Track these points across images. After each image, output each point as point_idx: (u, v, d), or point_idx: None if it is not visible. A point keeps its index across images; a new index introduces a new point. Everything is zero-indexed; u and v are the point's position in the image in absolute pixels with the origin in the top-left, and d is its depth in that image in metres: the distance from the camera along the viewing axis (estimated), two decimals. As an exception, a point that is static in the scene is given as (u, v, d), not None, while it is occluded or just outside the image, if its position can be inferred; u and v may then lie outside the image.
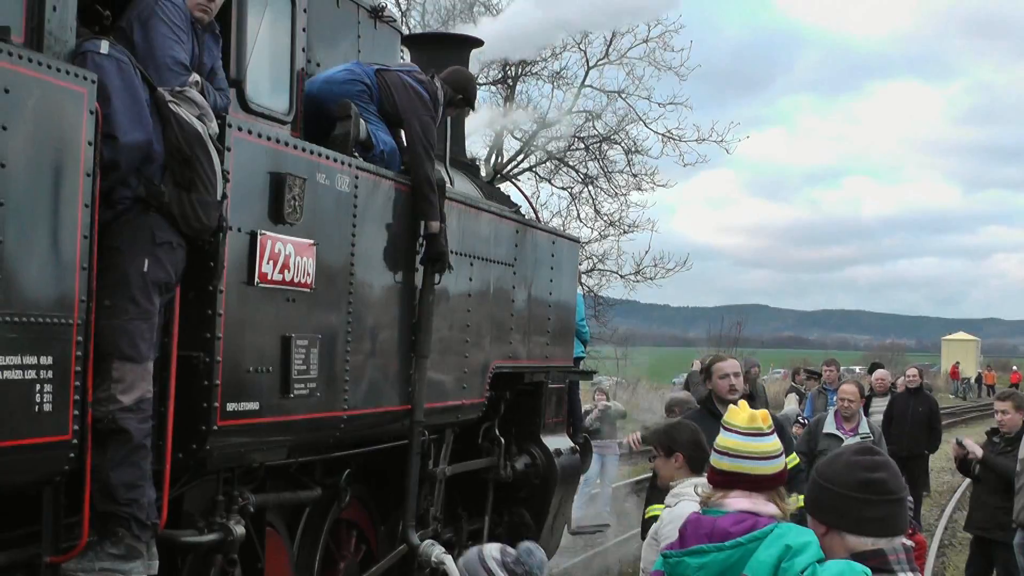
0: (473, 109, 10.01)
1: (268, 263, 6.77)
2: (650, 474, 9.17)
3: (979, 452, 12.21)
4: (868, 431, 12.96)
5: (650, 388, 51.30)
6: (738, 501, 4.91)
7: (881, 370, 20.19)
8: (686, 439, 6.87)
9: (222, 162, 6.33)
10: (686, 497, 6.45)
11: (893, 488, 4.13)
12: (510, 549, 6.37)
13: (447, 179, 9.31)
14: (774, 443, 5.13)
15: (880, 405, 17.99)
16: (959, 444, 12.48)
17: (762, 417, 5.14)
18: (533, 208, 14.46)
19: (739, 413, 5.17)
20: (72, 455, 5.42)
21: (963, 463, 12.65)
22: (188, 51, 6.38)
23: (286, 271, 6.94)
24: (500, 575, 6.14)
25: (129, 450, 5.78)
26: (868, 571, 3.94)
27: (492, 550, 6.27)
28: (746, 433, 5.07)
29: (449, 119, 10.58)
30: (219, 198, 6.22)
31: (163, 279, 5.99)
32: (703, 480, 6.54)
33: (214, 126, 6.22)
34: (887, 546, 4.08)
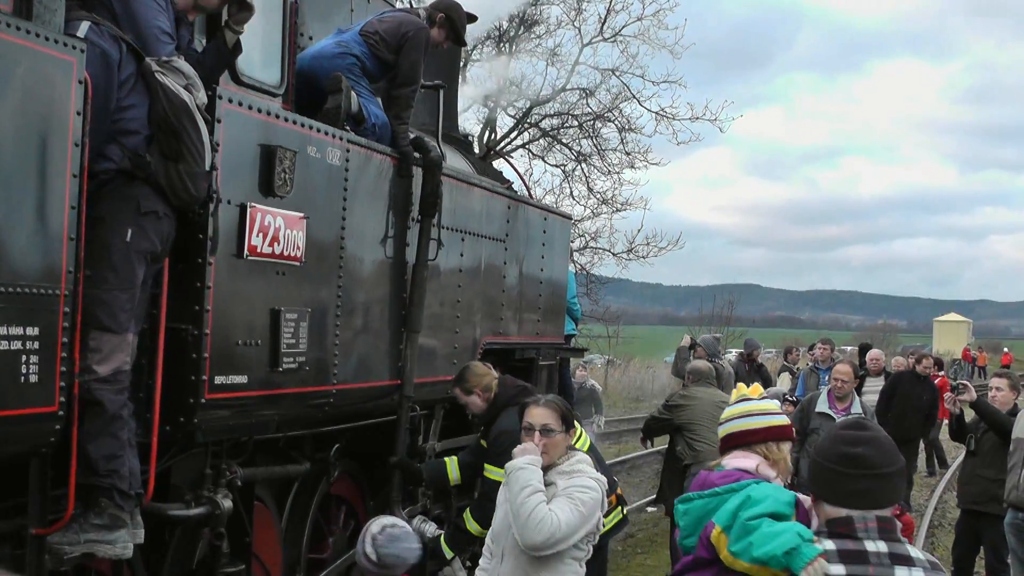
0: (461, 40, 9.83)
1: (258, 236, 6.74)
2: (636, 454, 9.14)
3: (974, 395, 12.15)
4: (861, 411, 12.97)
5: (642, 367, 51.32)
6: (734, 460, 5.08)
7: (875, 350, 20.13)
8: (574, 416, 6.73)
9: (212, 133, 6.29)
10: (583, 474, 6.36)
11: (872, 463, 4.15)
12: (394, 527, 6.23)
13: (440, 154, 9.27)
14: (758, 404, 5.34)
15: (874, 385, 17.96)
16: (954, 389, 12.40)
17: (751, 390, 5.42)
18: (525, 184, 14.44)
19: (734, 393, 5.50)
20: (58, 427, 5.38)
21: (959, 427, 12.64)
22: (170, 19, 6.32)
23: (276, 244, 6.91)
24: (368, 550, 6.08)
25: (104, 421, 5.72)
26: (792, 496, 4.31)
27: (375, 524, 6.18)
28: (735, 403, 5.35)
29: (441, 96, 10.53)
30: (207, 169, 6.16)
31: (147, 249, 5.93)
32: (587, 457, 6.53)
33: (202, 96, 6.14)
34: (856, 514, 4.13)
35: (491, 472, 8.09)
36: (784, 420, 5.37)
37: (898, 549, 4.07)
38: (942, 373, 23.45)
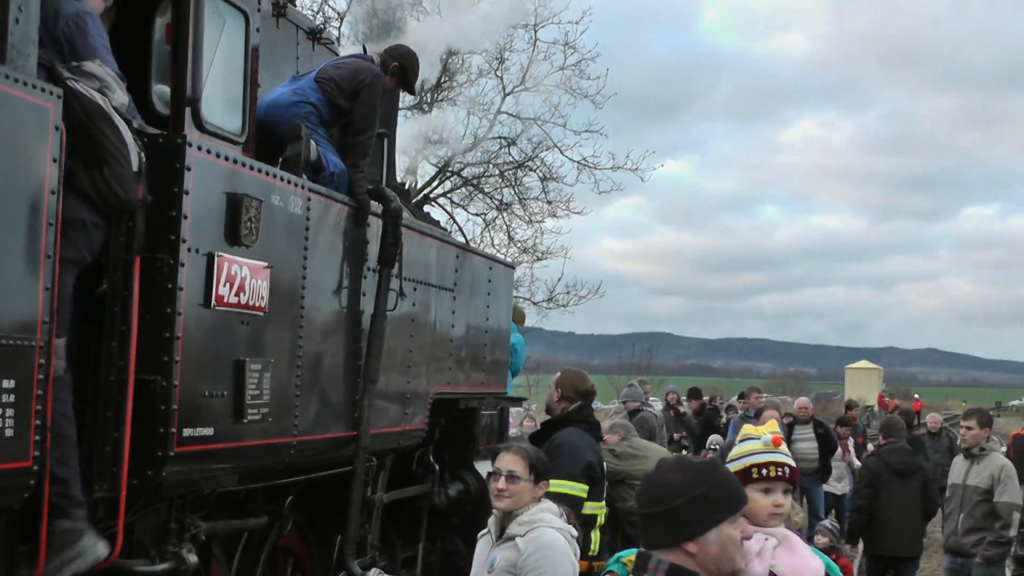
0: (411, 88, 9.89)
1: (224, 285, 6.63)
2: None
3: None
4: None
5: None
6: None
7: (803, 399, 20.39)
8: (548, 464, 6.70)
9: (180, 178, 6.21)
10: (542, 524, 6.30)
11: (639, 502, 4.26)
12: None
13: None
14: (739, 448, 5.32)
15: (802, 433, 18.11)
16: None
17: (766, 427, 5.33)
18: (462, 233, 14.46)
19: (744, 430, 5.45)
20: (32, 482, 5.25)
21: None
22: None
23: (241, 294, 6.81)
24: None
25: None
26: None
27: None
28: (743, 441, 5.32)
29: (386, 144, 10.50)
30: (136, 170, 6.00)
31: (73, 258, 5.78)
32: (555, 507, 6.46)
33: (118, 97, 5.99)
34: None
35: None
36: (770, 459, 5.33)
37: None
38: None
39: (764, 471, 4.98)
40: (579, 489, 8.54)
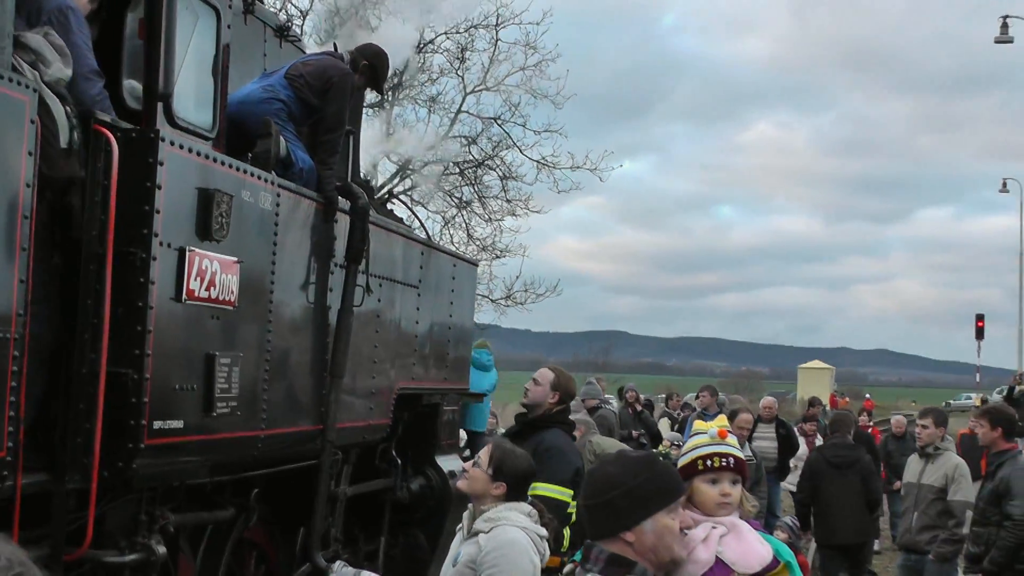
0: (380, 88, 10.00)
1: (196, 280, 6.68)
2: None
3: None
4: (751, 454, 13.44)
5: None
6: None
7: (769, 398, 20.47)
8: (522, 473, 6.60)
9: (151, 173, 6.24)
10: (505, 522, 6.28)
11: (583, 495, 4.55)
12: None
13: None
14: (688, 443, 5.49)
15: (765, 431, 18.23)
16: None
17: (716, 421, 5.55)
18: (426, 231, 14.54)
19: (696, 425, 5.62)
20: (6, 473, 5.29)
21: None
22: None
23: (212, 288, 6.85)
24: None
25: None
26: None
27: None
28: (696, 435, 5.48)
29: (352, 141, 10.56)
30: (65, 147, 5.85)
31: None
32: (526, 507, 6.51)
33: (54, 71, 5.86)
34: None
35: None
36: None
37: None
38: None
39: (709, 462, 5.15)
40: (566, 494, 8.54)
